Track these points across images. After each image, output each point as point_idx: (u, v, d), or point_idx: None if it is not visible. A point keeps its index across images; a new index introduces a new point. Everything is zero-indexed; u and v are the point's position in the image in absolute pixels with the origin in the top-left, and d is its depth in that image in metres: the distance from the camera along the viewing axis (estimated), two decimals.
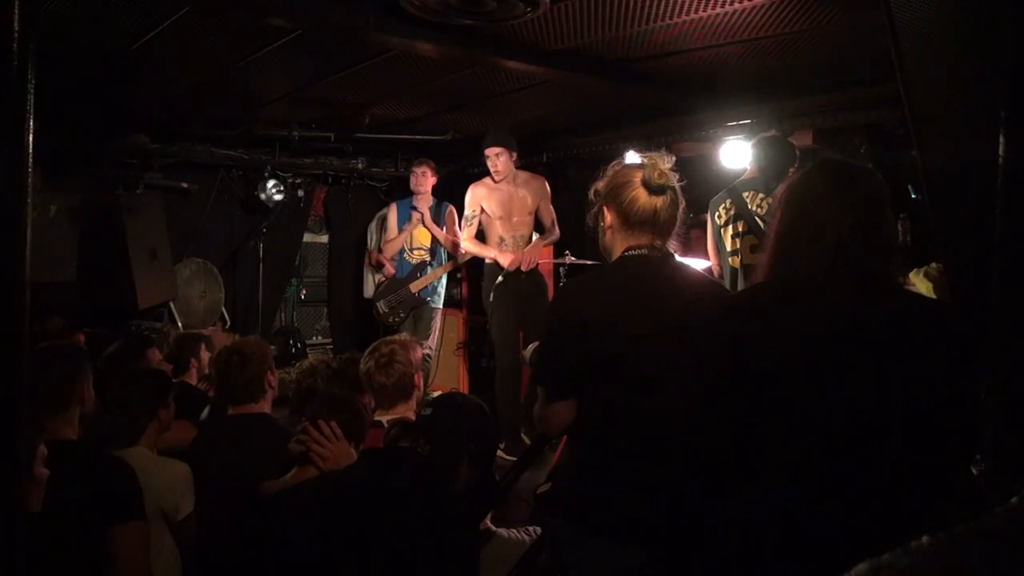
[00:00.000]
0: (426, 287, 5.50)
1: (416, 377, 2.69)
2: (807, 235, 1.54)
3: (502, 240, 4.81)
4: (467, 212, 4.87)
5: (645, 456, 1.78)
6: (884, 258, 1.53)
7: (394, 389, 2.59)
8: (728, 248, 3.77)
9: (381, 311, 5.54)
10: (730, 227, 3.76)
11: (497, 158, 4.68)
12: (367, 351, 2.75)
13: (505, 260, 4.69)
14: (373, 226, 6.29)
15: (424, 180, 5.50)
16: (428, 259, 5.54)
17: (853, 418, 1.45)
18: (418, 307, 5.50)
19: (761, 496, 1.53)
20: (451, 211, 5.54)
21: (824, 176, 1.58)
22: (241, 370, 2.65)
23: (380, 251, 5.77)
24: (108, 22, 3.10)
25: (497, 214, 4.80)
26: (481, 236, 4.91)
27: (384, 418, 2.53)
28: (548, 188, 4.92)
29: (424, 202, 5.54)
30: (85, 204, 5.26)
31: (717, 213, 3.82)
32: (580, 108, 4.83)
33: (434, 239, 5.56)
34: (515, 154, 4.75)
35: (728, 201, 3.78)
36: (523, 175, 4.91)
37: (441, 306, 5.68)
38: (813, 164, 1.64)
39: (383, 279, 5.66)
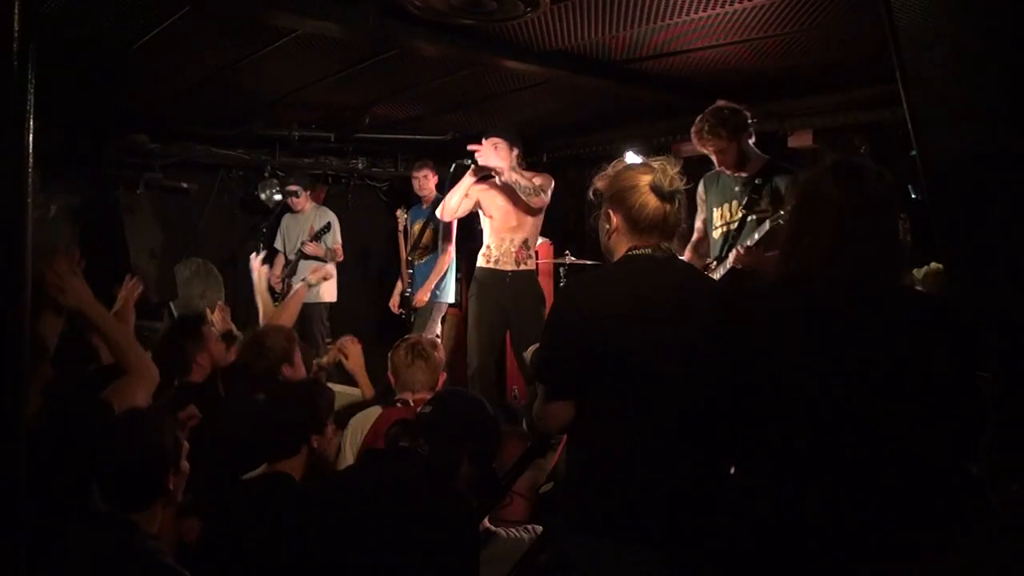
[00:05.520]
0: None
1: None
2: (808, 236, 1.54)
3: (489, 246, 4.46)
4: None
5: (647, 455, 1.78)
6: (886, 260, 1.53)
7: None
8: None
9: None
10: None
11: (495, 149, 4.24)
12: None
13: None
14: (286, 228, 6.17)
15: (427, 183, 5.60)
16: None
17: (854, 418, 1.45)
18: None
19: (763, 495, 1.53)
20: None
21: (831, 177, 1.58)
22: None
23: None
24: (108, 22, 3.09)
25: (489, 212, 4.45)
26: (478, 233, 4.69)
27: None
28: (552, 182, 4.40)
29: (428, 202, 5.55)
30: (85, 204, 5.25)
31: None
32: (580, 108, 4.81)
33: (433, 239, 5.56)
34: (516, 151, 4.30)
35: None
36: (528, 175, 4.53)
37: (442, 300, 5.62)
38: (825, 165, 1.64)
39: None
